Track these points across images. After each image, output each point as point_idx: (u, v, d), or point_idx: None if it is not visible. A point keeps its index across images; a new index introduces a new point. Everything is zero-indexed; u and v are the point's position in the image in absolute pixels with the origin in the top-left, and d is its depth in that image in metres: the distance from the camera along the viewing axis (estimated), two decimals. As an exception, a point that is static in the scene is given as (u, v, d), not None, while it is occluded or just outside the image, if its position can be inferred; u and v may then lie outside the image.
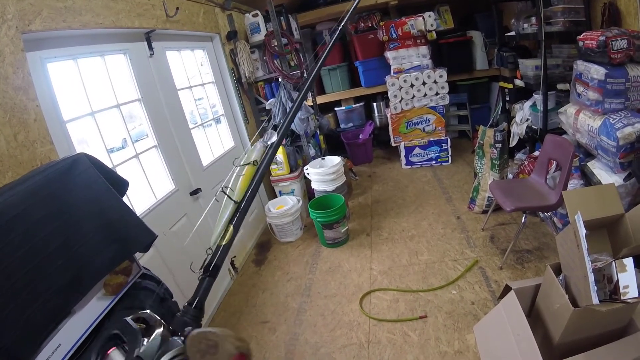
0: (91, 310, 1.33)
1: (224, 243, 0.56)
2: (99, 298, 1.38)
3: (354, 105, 6.14)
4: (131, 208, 1.72)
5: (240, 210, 0.63)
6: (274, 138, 0.64)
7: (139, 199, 2.52)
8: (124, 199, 1.61)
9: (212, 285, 0.49)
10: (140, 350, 0.45)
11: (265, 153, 0.64)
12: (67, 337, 1.22)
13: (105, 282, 1.41)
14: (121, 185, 1.63)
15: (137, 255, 1.66)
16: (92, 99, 2.26)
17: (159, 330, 0.47)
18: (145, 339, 0.48)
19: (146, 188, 2.61)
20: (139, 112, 2.72)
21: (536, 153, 3.46)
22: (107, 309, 1.39)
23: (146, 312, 0.49)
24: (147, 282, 1.62)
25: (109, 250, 1.36)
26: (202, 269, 0.53)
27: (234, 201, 0.63)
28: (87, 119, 2.22)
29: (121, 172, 2.12)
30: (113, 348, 0.44)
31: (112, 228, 1.39)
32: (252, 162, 0.64)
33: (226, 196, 0.62)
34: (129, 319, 0.47)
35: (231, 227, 0.61)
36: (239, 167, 0.66)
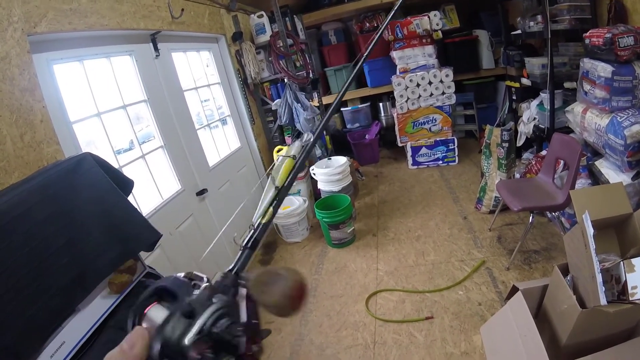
0: (95, 309, 1.34)
1: (264, 222, 0.60)
2: (104, 297, 1.39)
3: (360, 106, 6.13)
4: (136, 207, 1.73)
5: (279, 195, 0.69)
6: (310, 138, 0.73)
7: (146, 199, 2.53)
8: (130, 198, 1.62)
9: (251, 257, 0.54)
10: (192, 298, 0.45)
11: (302, 150, 0.72)
12: (71, 335, 1.23)
13: (110, 280, 1.42)
14: (126, 185, 1.64)
15: (143, 254, 1.67)
16: (98, 100, 2.27)
17: (206, 284, 0.49)
18: (195, 290, 0.49)
19: (153, 188, 2.63)
20: (146, 113, 2.74)
21: (543, 152, 3.43)
22: (111, 308, 1.39)
23: (190, 272, 0.50)
24: (152, 280, 1.63)
25: (113, 249, 1.37)
26: (244, 242, 0.56)
27: (276, 186, 0.69)
28: (94, 120, 2.24)
29: (128, 172, 2.13)
30: (153, 304, 0.43)
31: (116, 227, 1.40)
32: (291, 156, 0.72)
33: (269, 180, 0.69)
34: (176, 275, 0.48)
35: (271, 208, 0.65)
36: (281, 158, 0.73)
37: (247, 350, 0.44)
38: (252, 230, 0.58)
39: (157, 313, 0.45)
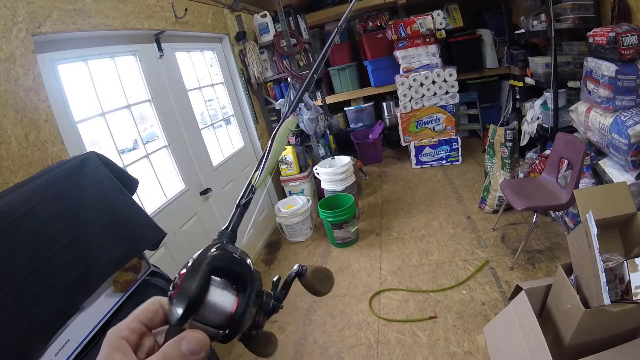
0: (100, 307, 1.35)
1: (257, 186, 0.64)
2: (108, 295, 1.40)
3: (363, 105, 6.13)
4: (141, 206, 1.74)
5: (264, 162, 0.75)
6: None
7: (150, 199, 2.54)
8: (134, 197, 1.62)
9: (243, 215, 0.59)
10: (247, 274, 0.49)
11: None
12: (76, 333, 1.23)
13: (115, 279, 1.43)
14: (131, 184, 1.65)
15: (148, 253, 1.68)
16: (102, 100, 2.29)
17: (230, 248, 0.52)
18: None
19: (157, 188, 2.64)
20: (150, 113, 2.75)
21: (547, 152, 3.42)
22: (115, 306, 1.40)
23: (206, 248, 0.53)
24: (157, 279, 1.64)
25: (117, 247, 1.38)
26: (238, 201, 0.60)
27: (264, 153, 0.74)
28: (98, 120, 2.25)
29: (132, 172, 2.15)
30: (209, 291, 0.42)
31: (120, 225, 1.41)
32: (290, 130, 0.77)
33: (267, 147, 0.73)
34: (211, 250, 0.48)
35: (259, 174, 0.70)
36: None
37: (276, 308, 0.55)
38: (245, 190, 0.62)
39: (219, 298, 0.45)
